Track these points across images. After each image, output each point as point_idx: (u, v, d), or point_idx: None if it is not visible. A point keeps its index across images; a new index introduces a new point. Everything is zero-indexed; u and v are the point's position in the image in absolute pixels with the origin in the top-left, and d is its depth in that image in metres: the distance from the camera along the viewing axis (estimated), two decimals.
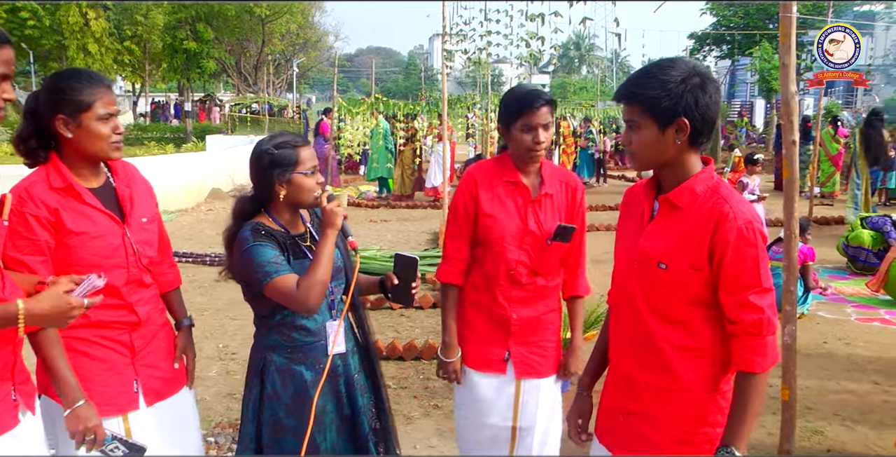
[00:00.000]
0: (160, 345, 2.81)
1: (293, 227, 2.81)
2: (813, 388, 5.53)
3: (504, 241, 3.03)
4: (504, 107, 3.02)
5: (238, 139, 23.15)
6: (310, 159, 2.74)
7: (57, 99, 2.52)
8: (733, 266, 2.16)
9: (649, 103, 2.18)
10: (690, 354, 2.27)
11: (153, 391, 2.73)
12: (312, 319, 2.77)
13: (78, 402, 2.45)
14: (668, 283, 2.25)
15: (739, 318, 2.18)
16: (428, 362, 6.05)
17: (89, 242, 2.54)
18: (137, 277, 2.68)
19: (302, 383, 2.75)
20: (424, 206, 15.71)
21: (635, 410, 2.37)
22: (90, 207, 2.58)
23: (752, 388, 2.19)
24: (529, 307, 3.10)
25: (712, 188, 2.24)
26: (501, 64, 49.96)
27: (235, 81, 48.49)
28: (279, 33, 44.38)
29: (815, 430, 4.83)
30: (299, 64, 52.45)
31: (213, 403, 5.02)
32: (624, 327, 2.41)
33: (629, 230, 2.43)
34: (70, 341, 2.54)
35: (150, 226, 2.77)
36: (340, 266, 2.86)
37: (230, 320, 6.91)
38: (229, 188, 17.24)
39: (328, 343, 2.78)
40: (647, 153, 2.25)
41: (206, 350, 6.27)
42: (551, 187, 3.10)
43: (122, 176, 2.76)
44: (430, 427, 4.86)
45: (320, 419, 2.76)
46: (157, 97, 51.84)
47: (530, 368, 3.11)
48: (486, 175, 3.10)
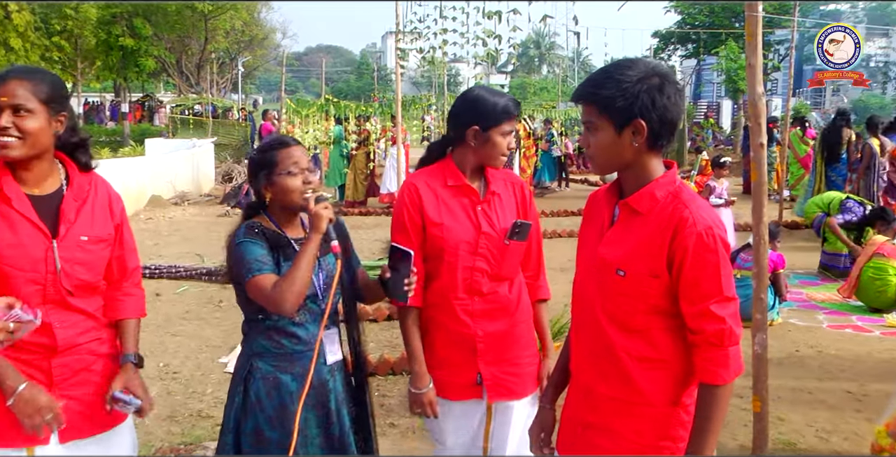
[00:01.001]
0: (93, 378, 2.66)
1: (291, 230, 2.87)
2: (785, 398, 5.60)
3: (458, 248, 2.96)
4: (484, 110, 2.94)
5: (179, 143, 22.85)
6: (290, 159, 2.77)
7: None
8: (693, 273, 2.17)
9: (604, 103, 2.21)
10: (651, 365, 2.28)
11: (70, 427, 2.56)
12: (304, 327, 2.79)
13: (18, 387, 2.40)
14: (627, 291, 2.26)
15: (701, 328, 2.19)
16: (383, 378, 6.02)
17: (3, 250, 2.46)
18: (58, 297, 2.55)
19: (287, 394, 2.76)
20: (378, 212, 15.65)
21: (594, 422, 2.39)
22: (17, 214, 2.50)
23: (715, 400, 2.20)
24: (495, 321, 3.01)
25: (673, 193, 2.25)
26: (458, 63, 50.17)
27: (176, 81, 48.05)
28: (223, 30, 44.08)
29: (788, 442, 4.89)
30: (245, 63, 52.13)
31: (153, 427, 4.92)
32: (584, 337, 2.43)
33: (590, 237, 2.44)
34: None
35: (91, 246, 2.64)
36: (332, 274, 2.84)
37: (171, 337, 6.81)
38: (170, 195, 17.05)
39: (324, 352, 2.83)
40: (605, 156, 2.28)
41: (145, 369, 6.07)
42: (497, 187, 3.07)
43: (77, 188, 2.66)
44: (386, 447, 4.82)
45: (304, 433, 2.76)
46: (91, 98, 51.15)
47: (504, 389, 3.02)
48: (426, 183, 3.04)
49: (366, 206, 16.64)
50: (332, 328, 2.90)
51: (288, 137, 2.95)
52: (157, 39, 40.37)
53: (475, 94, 3.01)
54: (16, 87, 2.45)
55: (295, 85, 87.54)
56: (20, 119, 2.45)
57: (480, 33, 10.02)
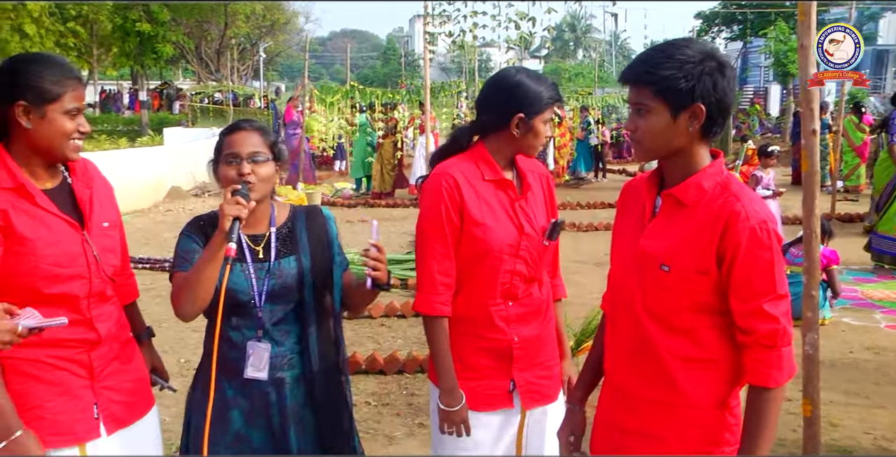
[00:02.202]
0: (123, 366, 2.71)
1: (251, 226, 2.72)
2: (839, 402, 5.53)
3: (502, 251, 2.82)
4: (528, 96, 2.82)
5: (199, 132, 23.02)
6: (230, 146, 2.68)
7: (19, 82, 2.43)
8: (745, 271, 2.14)
9: (664, 85, 2.15)
10: (695, 365, 2.24)
11: (115, 418, 2.63)
12: (240, 332, 2.70)
13: (14, 433, 2.38)
14: (671, 287, 2.22)
15: (752, 327, 2.16)
16: (411, 376, 6.04)
17: (44, 250, 2.45)
18: (100, 290, 2.59)
19: (224, 400, 2.71)
20: (406, 204, 15.68)
21: (633, 427, 2.35)
22: (44, 211, 2.49)
23: (768, 404, 2.17)
24: (530, 325, 2.93)
25: (722, 184, 2.22)
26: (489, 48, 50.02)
27: (196, 68, 48.39)
28: (243, 14, 44.27)
29: (842, 449, 4.82)
30: (266, 49, 52.34)
31: (173, 424, 4.93)
32: (621, 335, 2.39)
33: (628, 229, 2.41)
34: (18, 363, 2.45)
35: (111, 231, 2.69)
36: (291, 284, 2.72)
37: (191, 333, 6.89)
38: (190, 186, 17.18)
39: (245, 365, 2.69)
40: (655, 141, 2.23)
41: (165, 365, 6.21)
42: (530, 179, 2.97)
43: (81, 175, 2.67)
44: (415, 448, 4.83)
45: (237, 452, 2.71)
46: (108, 85, 51.59)
47: (538, 394, 2.95)
48: (465, 175, 2.85)
49: (393, 197, 16.67)
50: (265, 343, 2.69)
51: (242, 121, 2.79)
52: (175, 25, 40.56)
53: (517, 78, 2.85)
54: None
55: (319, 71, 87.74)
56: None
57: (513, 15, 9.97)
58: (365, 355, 6.26)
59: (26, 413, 2.46)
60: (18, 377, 2.46)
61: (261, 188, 2.64)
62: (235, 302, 2.64)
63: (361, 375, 5.97)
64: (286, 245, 2.75)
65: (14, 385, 2.45)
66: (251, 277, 2.67)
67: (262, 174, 2.64)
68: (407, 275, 8.87)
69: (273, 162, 2.70)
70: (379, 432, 5.04)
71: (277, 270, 2.70)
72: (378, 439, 4.94)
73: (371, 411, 5.37)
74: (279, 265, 2.71)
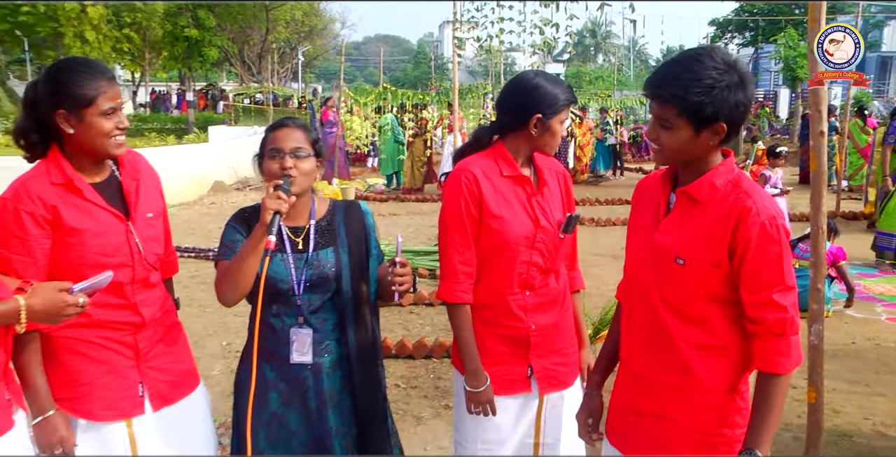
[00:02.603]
0: (168, 348, 2.75)
1: (292, 218, 2.72)
2: (841, 390, 5.49)
3: (518, 243, 2.83)
4: (546, 98, 2.81)
5: (241, 130, 23.14)
6: (273, 142, 2.67)
7: (56, 92, 2.46)
8: (756, 264, 2.14)
9: (691, 109, 2.12)
10: (708, 352, 2.25)
11: (160, 396, 2.68)
12: (280, 319, 2.70)
13: (47, 411, 2.45)
14: (686, 279, 2.22)
15: (762, 317, 2.16)
16: (438, 361, 6.06)
17: (91, 240, 2.50)
18: (143, 276, 2.63)
19: (264, 382, 2.71)
20: (435, 199, 15.64)
21: (649, 410, 2.35)
22: (91, 204, 2.53)
23: (776, 389, 2.18)
24: (546, 313, 2.93)
25: (733, 182, 2.22)
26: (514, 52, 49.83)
27: (239, 70, 48.57)
28: (283, 20, 44.47)
29: (843, 434, 4.79)
30: (304, 52, 52.44)
31: (217, 402, 4.98)
32: (637, 324, 2.39)
33: (643, 224, 2.40)
34: (69, 342, 2.53)
35: (155, 221, 2.72)
36: (328, 274, 2.71)
37: (234, 317, 6.93)
38: (233, 181, 17.28)
39: (290, 352, 2.69)
40: (678, 153, 2.22)
41: (209, 348, 6.29)
42: (547, 176, 2.95)
43: (129, 168, 2.70)
44: (442, 428, 4.85)
45: (286, 428, 2.72)
46: (158, 87, 51.92)
47: (554, 380, 2.94)
48: (483, 171, 2.85)
49: (423, 192, 16.69)
50: (306, 328, 2.70)
51: (287, 119, 2.79)
52: (220, 30, 40.81)
53: (535, 81, 2.84)
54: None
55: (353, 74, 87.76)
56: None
57: (537, 21, 9.94)
58: (395, 340, 6.28)
59: (79, 389, 2.53)
60: (72, 355, 2.53)
61: (302, 182, 2.64)
62: (275, 290, 2.65)
63: (391, 359, 5.99)
64: (325, 237, 2.74)
65: (68, 362, 2.52)
66: (290, 266, 2.67)
67: (304, 169, 2.63)
68: (435, 266, 8.87)
69: (314, 158, 2.69)
70: (408, 412, 5.06)
71: (315, 261, 2.70)
72: (407, 419, 4.95)
73: (400, 394, 5.38)
74: (317, 256, 2.71)
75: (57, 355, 2.51)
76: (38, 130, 2.53)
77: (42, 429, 2.44)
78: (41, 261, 2.46)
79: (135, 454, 2.60)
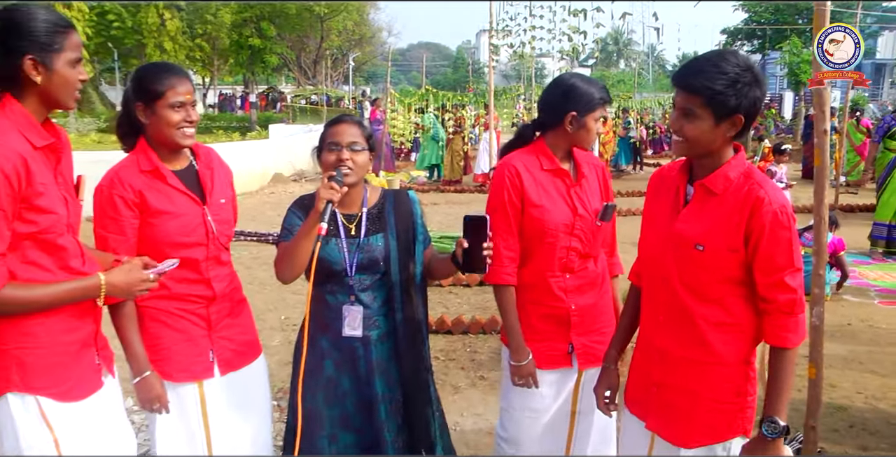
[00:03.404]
0: (236, 320, 2.80)
1: (345, 205, 2.71)
2: (836, 367, 5.42)
3: (557, 230, 2.82)
4: (581, 97, 2.80)
5: (298, 128, 23.29)
6: (330, 136, 2.67)
7: (136, 88, 2.56)
8: (769, 248, 2.14)
9: (717, 99, 2.12)
10: (725, 329, 2.25)
11: (227, 362, 2.73)
12: (334, 297, 2.71)
13: (144, 372, 2.53)
14: (705, 264, 2.22)
15: (774, 297, 2.17)
16: (474, 336, 6.06)
17: (171, 221, 2.56)
18: (215, 255, 2.68)
19: (320, 351, 2.74)
20: (471, 190, 15.72)
21: (670, 382, 2.34)
22: (173, 189, 2.59)
23: (787, 362, 2.21)
24: (586, 295, 2.92)
25: (745, 174, 2.21)
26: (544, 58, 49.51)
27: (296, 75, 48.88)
28: (336, 30, 44.60)
29: (839, 406, 4.74)
30: (355, 58, 52.52)
31: (276, 370, 5.03)
32: (659, 305, 2.37)
33: (661, 213, 2.38)
34: (152, 312, 2.60)
35: (227, 206, 2.76)
36: (377, 257, 2.70)
37: (291, 295, 7.02)
38: (290, 173, 17.40)
39: (342, 326, 2.71)
40: (698, 143, 2.20)
41: (269, 321, 6.35)
42: (585, 169, 2.94)
43: (204, 160, 2.75)
44: (477, 397, 4.86)
45: (340, 389, 2.74)
46: (225, 90, 52.30)
47: (593, 356, 2.90)
48: (525, 165, 2.87)
49: (461, 184, 16.67)
50: (357, 306, 2.70)
51: (344, 115, 2.79)
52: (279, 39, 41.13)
53: (571, 82, 2.84)
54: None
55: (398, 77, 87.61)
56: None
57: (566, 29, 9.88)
58: (435, 317, 6.29)
59: (159, 352, 2.61)
60: (154, 323, 2.61)
61: (357, 173, 2.65)
62: (330, 271, 2.66)
63: (431, 334, 5.92)
64: (375, 224, 2.74)
65: (151, 329, 2.60)
66: (343, 250, 2.68)
67: (359, 161, 2.64)
68: None
69: (367, 151, 2.70)
70: (446, 382, 5.07)
71: (366, 246, 2.70)
72: (445, 388, 4.97)
73: (439, 365, 5.39)
74: (368, 241, 2.70)
75: (142, 322, 2.59)
76: (128, 122, 2.62)
77: (141, 387, 2.53)
78: (132, 239, 2.55)
79: (204, 411, 2.67)
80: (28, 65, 2.08)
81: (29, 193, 2.06)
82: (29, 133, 2.10)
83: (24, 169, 2.03)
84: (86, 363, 2.29)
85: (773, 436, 2.19)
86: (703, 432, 2.29)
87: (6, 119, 2.08)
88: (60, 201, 2.17)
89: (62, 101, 2.18)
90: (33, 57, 2.08)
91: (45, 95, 2.15)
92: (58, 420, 2.18)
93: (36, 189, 2.07)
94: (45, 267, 2.15)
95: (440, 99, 19.73)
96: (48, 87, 2.13)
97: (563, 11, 9.73)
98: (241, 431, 2.77)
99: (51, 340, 2.17)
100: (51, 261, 2.16)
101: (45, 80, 2.11)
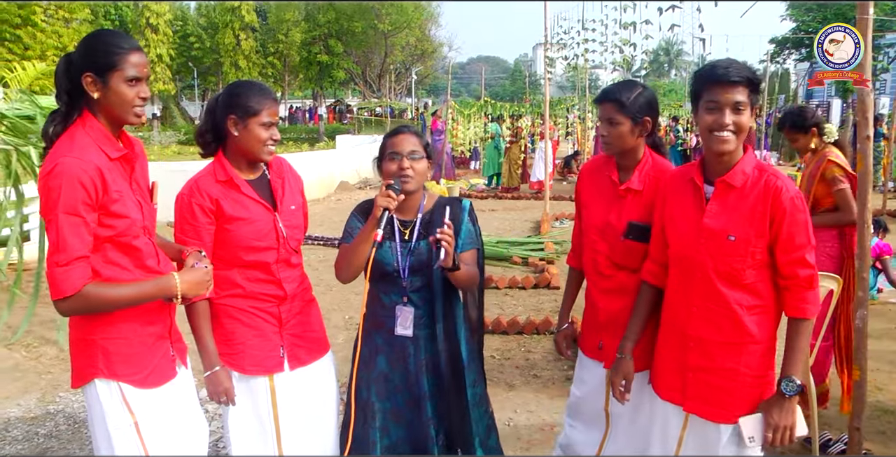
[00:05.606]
0: (306, 319, 2.84)
1: (402, 211, 2.74)
2: (883, 370, 5.24)
3: (591, 231, 2.86)
4: (656, 106, 2.82)
5: (364, 138, 23.53)
6: (390, 147, 2.70)
7: (233, 103, 2.60)
8: (790, 229, 2.30)
9: (753, 85, 2.33)
10: (756, 310, 2.38)
11: (297, 358, 2.77)
12: (388, 297, 2.75)
13: (215, 367, 2.60)
14: (737, 252, 2.35)
15: (794, 273, 2.32)
16: (528, 337, 6.04)
17: (245, 227, 2.62)
18: (286, 258, 2.72)
19: (374, 346, 2.79)
20: (528, 197, 15.64)
21: (708, 365, 2.43)
22: (246, 197, 2.65)
23: (804, 330, 2.37)
24: (613, 299, 2.82)
25: (758, 168, 2.38)
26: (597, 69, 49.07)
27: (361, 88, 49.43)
28: (399, 46, 45.05)
29: (886, 410, 4.59)
30: (417, 72, 52.91)
31: (340, 366, 5.08)
32: (696, 296, 2.44)
33: (684, 212, 2.48)
34: (228, 309, 2.67)
35: (297, 213, 2.81)
36: (425, 261, 2.70)
37: (354, 295, 7.05)
38: (355, 181, 17.58)
39: (395, 325, 2.74)
40: (744, 135, 2.36)
41: (333, 320, 6.42)
42: (640, 184, 2.75)
43: (276, 169, 2.81)
44: (530, 394, 4.85)
45: (392, 383, 2.77)
46: (295, 103, 53.13)
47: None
48: (591, 167, 3.00)
49: (518, 191, 16.61)
50: (409, 307, 2.72)
51: (403, 126, 2.82)
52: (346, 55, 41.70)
53: (652, 94, 2.84)
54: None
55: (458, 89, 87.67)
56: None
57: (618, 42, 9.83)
58: (490, 318, 6.28)
59: (233, 347, 2.68)
60: (229, 319, 2.67)
61: (416, 181, 2.67)
62: (384, 273, 2.70)
63: (488, 334, 5.99)
64: (426, 230, 2.75)
65: (227, 325, 2.67)
66: (397, 253, 2.71)
67: (418, 169, 2.66)
68: (527, 254, 8.84)
69: (426, 160, 2.72)
70: (501, 380, 5.07)
71: (417, 250, 2.71)
72: (500, 385, 4.97)
73: (495, 364, 5.40)
74: (418, 246, 2.72)
75: (218, 318, 2.66)
76: (212, 133, 2.68)
77: (211, 381, 2.60)
78: (208, 243, 2.62)
79: (274, 403, 2.72)
80: (87, 81, 2.21)
81: (106, 201, 2.18)
82: (105, 145, 2.23)
83: (101, 179, 2.16)
84: (161, 354, 2.40)
85: (791, 393, 2.32)
86: (742, 407, 2.40)
87: (86, 134, 2.22)
88: (135, 206, 2.29)
89: (121, 116, 2.27)
90: (90, 74, 2.20)
91: (106, 110, 2.25)
92: (137, 404, 2.30)
93: (112, 196, 2.19)
94: (124, 266, 2.27)
95: (498, 109, 19.73)
96: (105, 102, 2.23)
97: (615, 25, 9.68)
98: (310, 423, 2.81)
99: (131, 331, 2.30)
100: (129, 260, 2.28)
101: (102, 96, 2.22)
